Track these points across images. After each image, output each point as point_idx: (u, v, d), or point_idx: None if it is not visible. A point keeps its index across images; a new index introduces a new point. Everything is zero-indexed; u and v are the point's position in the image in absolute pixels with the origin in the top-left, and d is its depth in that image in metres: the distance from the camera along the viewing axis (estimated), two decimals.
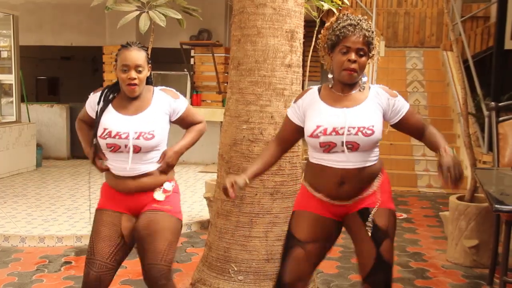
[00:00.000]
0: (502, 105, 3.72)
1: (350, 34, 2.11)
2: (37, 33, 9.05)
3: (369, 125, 2.15)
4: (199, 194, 5.89)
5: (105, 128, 2.34)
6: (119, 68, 2.32)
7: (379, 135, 2.18)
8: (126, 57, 2.31)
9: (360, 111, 2.17)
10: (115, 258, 2.37)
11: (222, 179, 3.22)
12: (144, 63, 2.33)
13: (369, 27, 2.15)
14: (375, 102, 2.21)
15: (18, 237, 4.43)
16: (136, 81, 2.31)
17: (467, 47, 7.02)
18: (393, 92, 2.26)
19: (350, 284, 3.64)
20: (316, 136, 2.17)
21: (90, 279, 2.32)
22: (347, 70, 2.13)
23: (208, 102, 8.29)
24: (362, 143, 2.15)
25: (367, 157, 2.21)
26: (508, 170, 3.33)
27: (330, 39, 2.18)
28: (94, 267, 2.32)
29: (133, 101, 2.38)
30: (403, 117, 2.23)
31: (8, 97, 7.76)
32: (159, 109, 2.39)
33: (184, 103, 2.48)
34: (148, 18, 4.09)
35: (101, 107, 2.37)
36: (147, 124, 2.34)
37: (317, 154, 2.24)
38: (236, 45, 3.16)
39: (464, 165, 6.93)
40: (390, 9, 9.68)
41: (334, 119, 2.16)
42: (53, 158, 8.41)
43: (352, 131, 2.14)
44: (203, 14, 4.81)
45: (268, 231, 3.10)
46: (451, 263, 4.07)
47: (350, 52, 2.12)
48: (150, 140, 2.33)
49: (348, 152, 2.16)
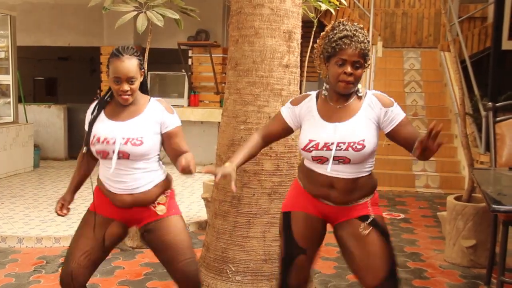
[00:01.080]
0: (500, 105, 3.73)
1: (346, 47, 2.10)
2: (35, 33, 9.04)
3: (359, 140, 2.16)
4: (197, 194, 5.89)
5: (94, 134, 2.34)
6: (111, 79, 2.30)
7: (371, 148, 2.18)
8: (118, 68, 2.27)
9: (351, 126, 2.18)
10: (89, 258, 2.38)
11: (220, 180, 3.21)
12: (136, 74, 2.30)
13: (365, 38, 2.14)
14: (368, 113, 2.20)
15: (16, 238, 4.42)
16: (128, 92, 2.30)
17: (464, 48, 7.03)
18: (389, 101, 2.22)
19: (347, 284, 3.64)
20: (309, 150, 2.21)
21: (63, 274, 2.37)
22: (343, 82, 2.14)
23: (206, 102, 8.29)
24: (353, 157, 2.17)
25: (360, 169, 2.23)
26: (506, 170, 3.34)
27: (326, 50, 2.17)
28: (68, 263, 2.36)
29: (126, 107, 2.37)
30: (394, 127, 2.20)
31: (6, 97, 7.73)
32: (151, 117, 2.36)
33: (177, 121, 2.41)
34: (146, 18, 4.09)
35: (94, 115, 2.37)
36: (135, 130, 2.31)
37: (309, 162, 2.28)
38: (233, 45, 3.16)
39: (461, 166, 6.94)
40: (388, 10, 9.70)
41: (325, 134, 2.19)
42: (51, 159, 8.39)
43: (343, 147, 2.15)
44: (201, 15, 4.81)
45: (266, 232, 3.10)
46: (449, 263, 4.08)
47: (346, 64, 2.11)
48: (138, 146, 2.29)
49: (340, 164, 2.19)
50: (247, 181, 3.08)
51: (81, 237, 2.40)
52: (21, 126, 7.47)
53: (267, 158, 3.07)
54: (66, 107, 8.55)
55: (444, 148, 7.41)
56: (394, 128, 2.20)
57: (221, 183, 3.19)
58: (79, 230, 2.45)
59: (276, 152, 3.08)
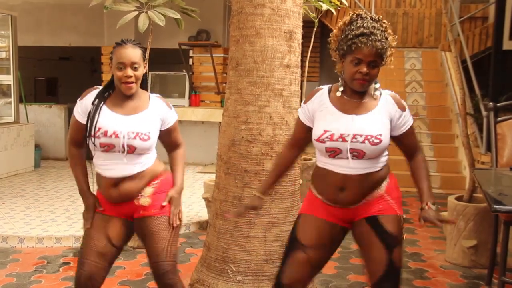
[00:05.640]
0: (501, 106, 3.72)
1: (363, 46, 2.03)
2: (36, 33, 9.04)
3: (376, 134, 2.12)
4: (198, 194, 5.89)
5: (100, 127, 2.29)
6: (115, 66, 2.29)
7: (387, 144, 2.16)
8: (122, 54, 2.27)
9: (369, 119, 2.14)
10: (104, 258, 2.38)
11: (220, 180, 3.22)
12: (140, 60, 2.30)
13: (383, 35, 2.07)
14: (385, 110, 2.17)
15: (17, 238, 4.42)
16: (132, 79, 2.28)
17: (465, 48, 7.02)
18: (402, 104, 2.21)
19: (348, 285, 3.64)
20: (323, 141, 2.16)
21: (81, 278, 2.35)
22: (358, 80, 2.10)
23: (206, 102, 8.29)
24: (369, 151, 2.13)
25: (372, 164, 2.19)
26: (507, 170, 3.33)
27: (341, 47, 2.12)
28: (84, 267, 2.35)
29: (129, 100, 2.35)
30: (404, 132, 2.20)
31: (7, 97, 7.74)
32: (156, 113, 2.38)
33: (175, 116, 2.47)
34: (147, 18, 4.09)
35: (95, 105, 2.31)
36: (144, 125, 2.32)
37: (323, 158, 2.23)
38: (234, 45, 3.16)
39: (462, 166, 6.94)
40: (389, 10, 9.68)
41: (341, 125, 2.14)
42: (52, 159, 8.40)
43: (359, 139, 2.11)
44: (202, 15, 4.81)
45: (267, 232, 3.10)
46: (450, 263, 4.08)
47: (361, 64, 2.06)
48: (146, 141, 2.31)
49: (352, 159, 2.14)
50: (248, 181, 3.08)
51: (92, 239, 2.38)
52: (22, 126, 7.47)
53: (268, 158, 3.07)
54: (67, 107, 8.55)
55: (445, 148, 7.42)
56: (404, 132, 2.20)
57: (222, 183, 3.20)
58: (87, 231, 2.42)
59: (277, 152, 3.08)
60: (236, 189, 3.11)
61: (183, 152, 2.56)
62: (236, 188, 3.11)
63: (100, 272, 2.37)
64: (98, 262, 2.35)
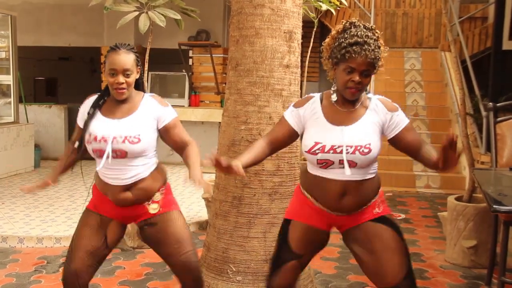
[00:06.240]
0: (500, 106, 3.73)
1: (356, 56, 2.04)
2: (35, 33, 9.04)
3: (366, 144, 2.13)
4: (198, 194, 5.89)
5: (90, 133, 2.32)
6: (107, 72, 2.30)
7: (376, 152, 2.17)
8: (114, 60, 2.27)
9: (358, 129, 2.15)
10: (93, 257, 2.39)
11: (220, 180, 3.22)
12: (132, 67, 2.30)
13: (376, 45, 2.08)
14: (373, 117, 2.18)
15: (16, 238, 4.42)
16: (123, 85, 2.28)
17: (465, 48, 7.03)
18: (393, 106, 2.21)
19: (348, 285, 3.64)
20: (314, 153, 2.16)
21: (67, 274, 2.36)
22: (350, 89, 2.11)
23: (206, 102, 8.29)
24: (360, 161, 2.14)
25: (366, 172, 2.21)
26: (506, 170, 3.33)
27: (335, 55, 2.12)
28: (72, 262, 2.35)
29: (121, 104, 2.35)
30: (399, 132, 2.19)
31: (6, 97, 7.74)
32: (147, 113, 2.36)
33: (172, 113, 2.41)
34: (148, 19, 4.09)
35: (90, 113, 2.35)
36: (132, 127, 2.31)
37: (315, 168, 2.23)
38: (234, 45, 3.16)
39: (462, 166, 6.94)
40: (388, 10, 9.68)
41: (332, 137, 2.15)
42: (51, 159, 8.39)
43: (350, 150, 2.12)
44: (201, 15, 4.81)
45: (267, 232, 3.10)
46: (450, 263, 4.08)
47: (354, 72, 2.07)
48: (135, 144, 2.29)
49: (349, 168, 2.15)
50: (247, 181, 3.08)
51: (83, 237, 2.39)
52: (21, 126, 7.47)
53: (268, 158, 3.05)
54: (66, 107, 8.56)
55: None
56: (398, 134, 2.20)
57: (222, 183, 3.20)
58: (79, 229, 2.44)
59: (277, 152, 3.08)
60: (236, 189, 3.11)
61: (195, 148, 2.44)
62: (236, 188, 3.11)
63: (89, 270, 2.38)
64: (86, 260, 2.36)
